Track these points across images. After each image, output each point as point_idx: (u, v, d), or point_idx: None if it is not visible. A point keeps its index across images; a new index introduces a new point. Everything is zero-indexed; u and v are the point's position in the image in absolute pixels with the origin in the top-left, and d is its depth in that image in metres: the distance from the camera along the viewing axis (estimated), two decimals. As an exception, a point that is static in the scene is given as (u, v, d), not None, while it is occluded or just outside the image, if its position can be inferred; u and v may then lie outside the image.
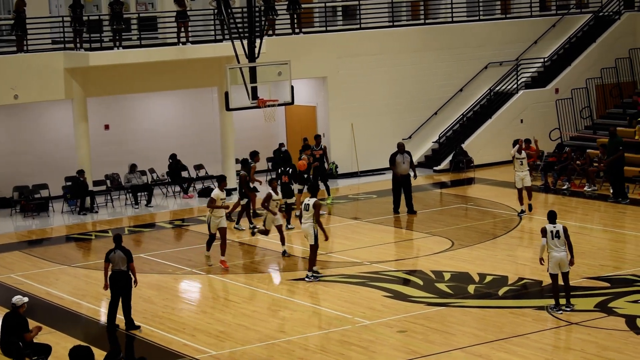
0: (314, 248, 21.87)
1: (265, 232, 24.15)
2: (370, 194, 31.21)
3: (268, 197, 23.71)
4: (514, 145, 26.99)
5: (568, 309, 18.65)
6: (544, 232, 18.67)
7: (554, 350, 16.83)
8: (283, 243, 24.00)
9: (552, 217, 18.87)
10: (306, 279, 21.78)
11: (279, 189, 24.85)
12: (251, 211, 27.16)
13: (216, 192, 23.15)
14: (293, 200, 27.43)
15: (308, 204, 21.82)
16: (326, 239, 22.12)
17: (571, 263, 18.69)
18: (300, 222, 22.15)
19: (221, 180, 23.58)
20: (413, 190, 28.52)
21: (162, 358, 17.52)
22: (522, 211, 26.94)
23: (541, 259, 18.93)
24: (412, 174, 28.17)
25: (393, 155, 28.30)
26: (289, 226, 26.86)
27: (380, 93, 34.83)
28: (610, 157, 28.75)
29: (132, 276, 18.88)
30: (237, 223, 27.12)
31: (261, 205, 24.09)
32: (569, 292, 18.83)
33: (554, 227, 18.62)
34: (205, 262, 23.33)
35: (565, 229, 18.64)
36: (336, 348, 17.43)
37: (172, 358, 17.42)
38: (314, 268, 21.97)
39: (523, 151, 26.81)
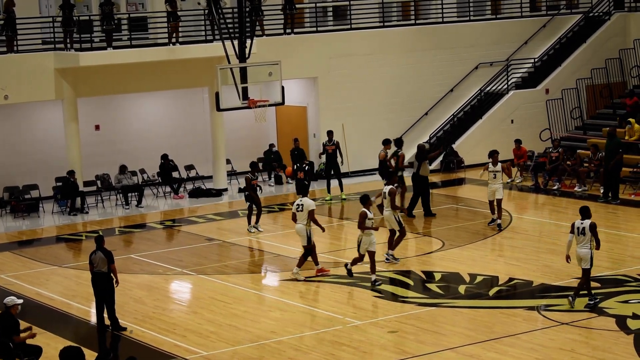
0: (393, 233, 22.85)
1: (359, 259, 21.47)
2: (361, 194, 31.10)
3: (363, 216, 21.17)
4: (489, 157, 26.38)
5: (572, 302, 18.91)
6: (572, 227, 19.04)
7: (544, 350, 16.85)
8: (373, 271, 21.23)
9: (583, 213, 19.08)
10: (385, 260, 22.78)
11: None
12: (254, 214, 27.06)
13: (309, 203, 21.77)
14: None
15: (385, 192, 22.82)
16: (400, 228, 22.79)
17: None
18: (381, 212, 22.99)
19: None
20: (406, 191, 28.48)
21: (153, 359, 17.50)
22: (493, 220, 25.96)
23: (567, 257, 19.16)
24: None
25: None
26: None
27: (371, 93, 34.84)
28: (611, 158, 28.67)
29: (113, 277, 18.84)
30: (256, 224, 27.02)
31: (358, 227, 21.31)
32: (579, 289, 19.06)
33: (582, 223, 18.88)
34: (294, 274, 21.81)
35: (592, 226, 18.80)
36: (327, 348, 17.43)
37: (163, 359, 17.41)
38: (390, 252, 22.96)
39: (499, 164, 25.90)
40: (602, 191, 29.11)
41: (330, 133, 31.55)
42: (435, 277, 21.60)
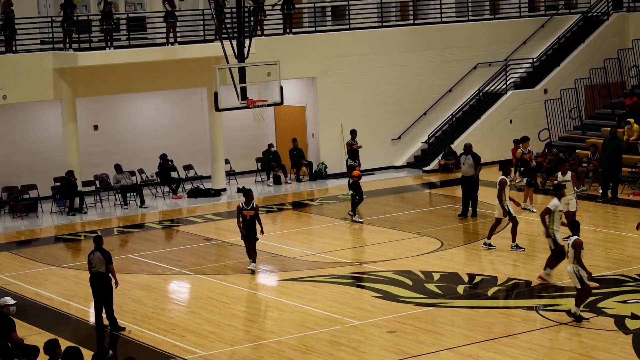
0: (513, 222, 23.47)
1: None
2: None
3: (579, 245, 18.53)
4: (559, 166, 25.63)
5: None
6: None
7: (543, 350, 16.86)
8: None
9: None
10: (486, 246, 23.72)
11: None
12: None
13: (554, 203, 20.71)
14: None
15: (497, 182, 23.60)
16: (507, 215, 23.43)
17: None
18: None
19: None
20: (403, 191, 28.41)
21: (152, 359, 17.50)
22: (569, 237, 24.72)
23: (638, 225, 20.57)
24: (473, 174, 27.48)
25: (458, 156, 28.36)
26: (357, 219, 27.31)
27: (369, 93, 34.84)
28: (612, 157, 28.70)
29: (112, 278, 18.85)
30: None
31: (575, 261, 18.40)
32: None
33: None
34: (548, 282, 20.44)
35: None
36: (326, 348, 17.43)
37: (161, 359, 17.41)
38: (513, 243, 23.53)
39: (568, 173, 24.46)
40: (600, 191, 29.12)
41: (353, 132, 31.33)
42: (434, 277, 21.60)
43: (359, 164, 27.41)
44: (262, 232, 22.64)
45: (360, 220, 27.16)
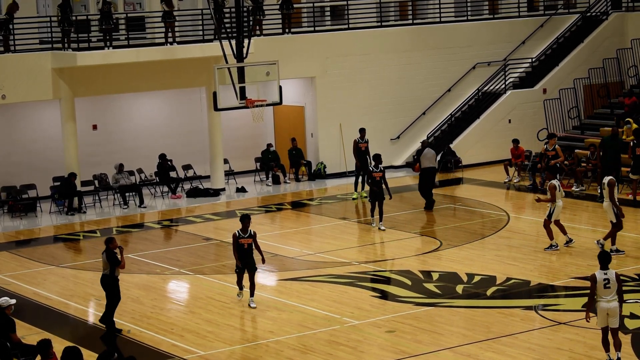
0: (615, 225, 22.75)
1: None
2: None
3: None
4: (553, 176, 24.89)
5: None
6: None
7: (542, 350, 16.86)
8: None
9: None
10: (611, 253, 22.06)
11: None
12: None
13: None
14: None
15: (604, 183, 22.79)
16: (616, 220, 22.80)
17: None
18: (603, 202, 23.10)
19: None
20: (401, 190, 28.40)
21: (151, 358, 17.49)
22: (570, 240, 23.82)
23: None
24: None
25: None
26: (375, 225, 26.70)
27: (368, 93, 34.84)
28: (612, 157, 28.75)
29: (117, 279, 18.87)
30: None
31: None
32: None
33: None
34: None
35: None
36: (324, 348, 17.43)
37: (161, 358, 17.40)
38: (613, 247, 22.80)
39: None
40: (599, 191, 29.11)
41: (362, 130, 31.37)
42: (433, 276, 21.60)
43: (381, 170, 26.33)
44: (263, 261, 20.19)
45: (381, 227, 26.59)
